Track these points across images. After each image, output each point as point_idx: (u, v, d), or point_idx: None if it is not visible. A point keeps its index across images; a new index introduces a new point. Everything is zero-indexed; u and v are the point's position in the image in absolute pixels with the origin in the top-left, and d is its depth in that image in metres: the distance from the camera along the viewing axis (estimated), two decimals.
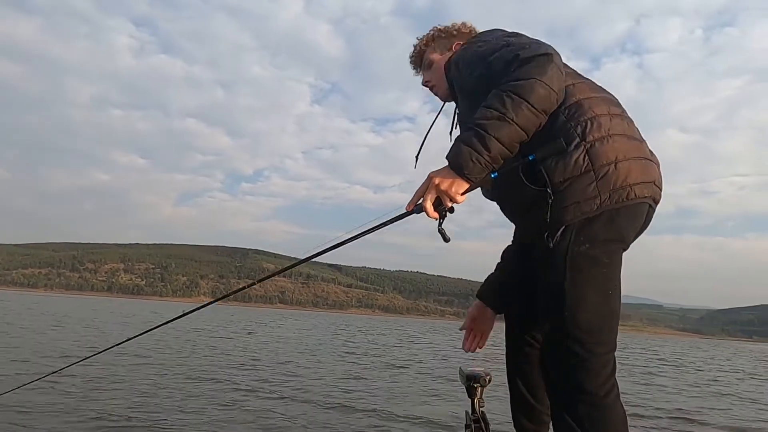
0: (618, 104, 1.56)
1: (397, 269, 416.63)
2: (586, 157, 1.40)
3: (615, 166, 1.40)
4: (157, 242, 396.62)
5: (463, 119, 1.70)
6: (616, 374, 1.44)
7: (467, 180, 1.40)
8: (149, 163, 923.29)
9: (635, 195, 1.42)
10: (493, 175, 1.42)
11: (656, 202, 1.53)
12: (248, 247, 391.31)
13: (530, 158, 1.42)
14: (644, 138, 1.56)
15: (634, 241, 1.55)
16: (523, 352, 1.77)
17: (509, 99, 1.36)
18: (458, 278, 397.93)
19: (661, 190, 1.52)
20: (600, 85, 1.61)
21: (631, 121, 1.53)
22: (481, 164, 1.38)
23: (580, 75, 1.59)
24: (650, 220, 1.56)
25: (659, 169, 1.53)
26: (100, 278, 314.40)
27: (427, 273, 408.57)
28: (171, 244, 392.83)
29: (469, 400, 2.06)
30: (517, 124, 1.36)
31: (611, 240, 1.42)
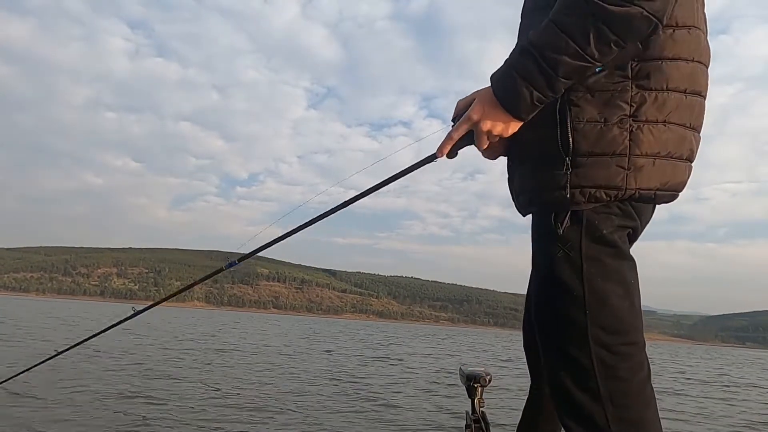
0: (704, 78, 1.19)
1: (392, 274, 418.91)
2: (627, 139, 1.11)
3: (654, 162, 1.13)
4: (151, 246, 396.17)
5: (528, 14, 1.29)
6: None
7: (520, 120, 1.15)
8: (143, 166, 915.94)
9: (653, 198, 1.17)
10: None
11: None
12: (242, 252, 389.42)
13: (597, 70, 1.11)
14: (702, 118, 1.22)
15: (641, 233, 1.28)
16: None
17: (595, 30, 1.02)
18: (452, 284, 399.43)
19: (680, 192, 1.23)
20: (707, 38, 1.21)
21: (703, 100, 1.19)
22: (540, 105, 1.11)
23: (695, 5, 1.17)
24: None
25: (690, 169, 1.22)
26: (93, 282, 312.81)
27: (422, 278, 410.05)
28: (164, 248, 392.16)
29: (469, 400, 2.01)
30: (595, 63, 1.06)
31: (625, 226, 1.18)
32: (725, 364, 24.03)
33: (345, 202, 1.38)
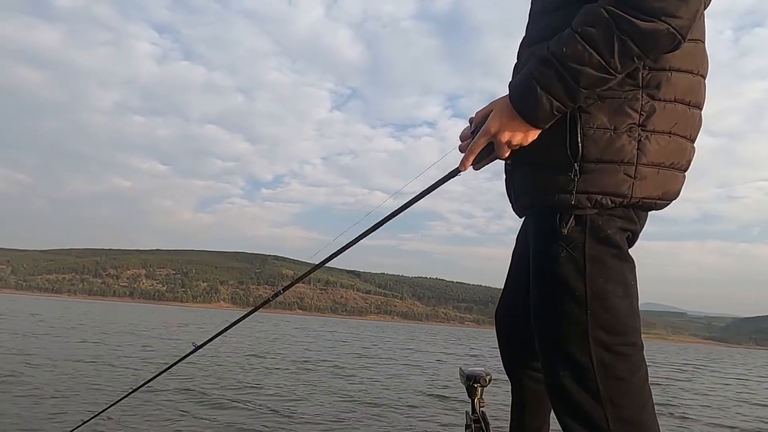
0: (704, 91, 1.22)
1: (416, 275, 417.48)
2: (635, 148, 1.12)
3: (658, 171, 1.15)
4: (178, 248, 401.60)
5: (536, 18, 1.28)
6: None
7: (538, 129, 1.14)
8: (170, 169, 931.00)
9: (654, 207, 1.21)
10: None
11: None
12: (267, 254, 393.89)
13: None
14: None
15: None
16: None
17: (620, 43, 1.01)
18: (477, 285, 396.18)
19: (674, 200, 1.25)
20: (705, 49, 1.23)
21: (701, 112, 1.22)
22: (559, 114, 1.11)
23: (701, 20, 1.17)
24: None
25: (684, 179, 1.25)
26: (122, 284, 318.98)
27: (446, 279, 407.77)
28: (191, 250, 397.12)
29: (469, 400, 2.02)
30: (617, 75, 1.06)
31: (626, 229, 1.20)
32: None
33: (389, 215, 1.40)
